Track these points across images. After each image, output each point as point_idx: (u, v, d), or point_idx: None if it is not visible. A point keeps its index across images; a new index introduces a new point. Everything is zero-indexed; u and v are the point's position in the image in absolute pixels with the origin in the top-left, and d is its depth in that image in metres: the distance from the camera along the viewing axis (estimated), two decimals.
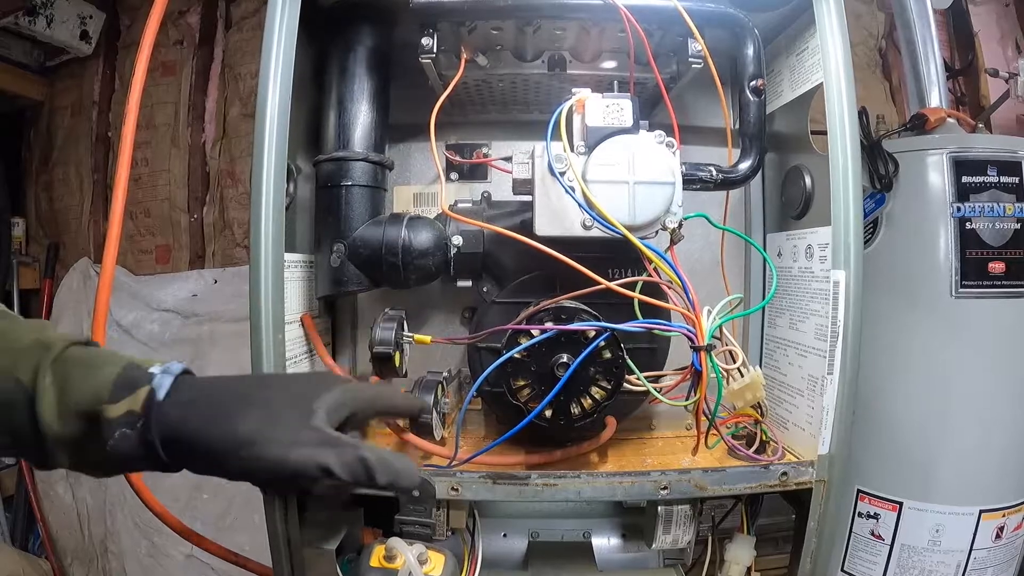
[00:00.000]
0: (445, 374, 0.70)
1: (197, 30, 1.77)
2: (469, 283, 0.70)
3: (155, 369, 0.45)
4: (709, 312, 0.57)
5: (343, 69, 0.69)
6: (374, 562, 0.54)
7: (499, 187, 0.80)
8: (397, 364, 0.62)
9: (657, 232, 0.60)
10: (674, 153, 0.60)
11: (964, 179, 0.76)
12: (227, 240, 1.71)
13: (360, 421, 0.50)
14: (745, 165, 0.66)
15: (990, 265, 0.75)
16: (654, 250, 0.57)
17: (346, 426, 0.48)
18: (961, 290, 0.75)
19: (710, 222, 0.66)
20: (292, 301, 0.65)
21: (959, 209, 0.76)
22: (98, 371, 0.43)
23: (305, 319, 0.67)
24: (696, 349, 0.55)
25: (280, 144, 0.59)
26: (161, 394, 0.43)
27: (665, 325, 0.57)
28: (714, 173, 0.65)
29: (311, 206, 0.72)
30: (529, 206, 0.61)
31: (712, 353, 0.56)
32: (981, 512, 0.76)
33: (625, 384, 0.59)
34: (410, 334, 0.64)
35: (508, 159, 0.66)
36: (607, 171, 0.58)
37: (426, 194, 0.81)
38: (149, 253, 1.76)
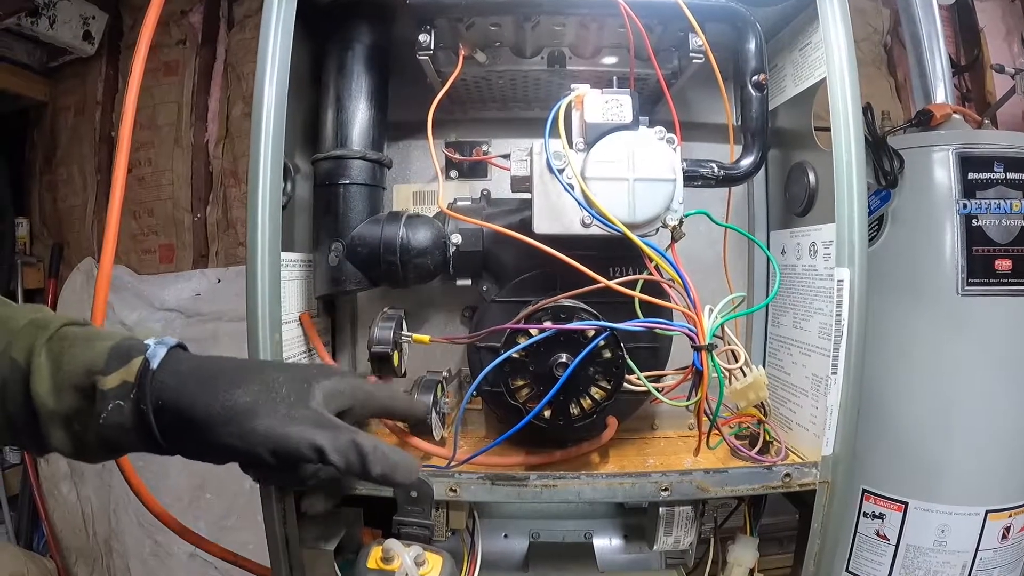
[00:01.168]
0: (445, 374, 0.70)
1: (199, 30, 1.77)
2: (469, 282, 0.69)
3: (150, 341, 0.44)
4: (711, 311, 0.56)
5: (341, 67, 0.68)
6: (371, 563, 0.54)
7: (499, 185, 0.79)
8: (396, 363, 0.62)
9: (658, 230, 0.59)
10: (675, 149, 0.59)
11: (970, 175, 0.75)
12: (230, 239, 1.71)
13: (357, 416, 0.49)
14: (747, 161, 0.66)
15: (996, 263, 0.75)
16: (655, 248, 0.56)
17: (343, 419, 0.46)
18: (967, 288, 0.74)
19: (712, 219, 0.66)
20: (290, 300, 0.65)
21: (965, 206, 0.75)
22: (93, 344, 0.43)
23: (303, 318, 0.67)
24: (697, 348, 0.55)
25: (276, 142, 0.58)
26: (155, 363, 0.42)
27: (666, 324, 0.56)
28: (715, 170, 0.65)
29: (310, 205, 0.72)
30: (529, 204, 0.60)
31: (714, 352, 0.55)
32: (987, 512, 0.75)
33: (626, 384, 0.58)
34: (409, 333, 0.63)
35: (507, 156, 0.66)
36: (606, 168, 0.57)
37: (426, 192, 0.80)
38: (153, 252, 1.76)
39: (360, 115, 0.68)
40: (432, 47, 0.63)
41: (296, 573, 0.62)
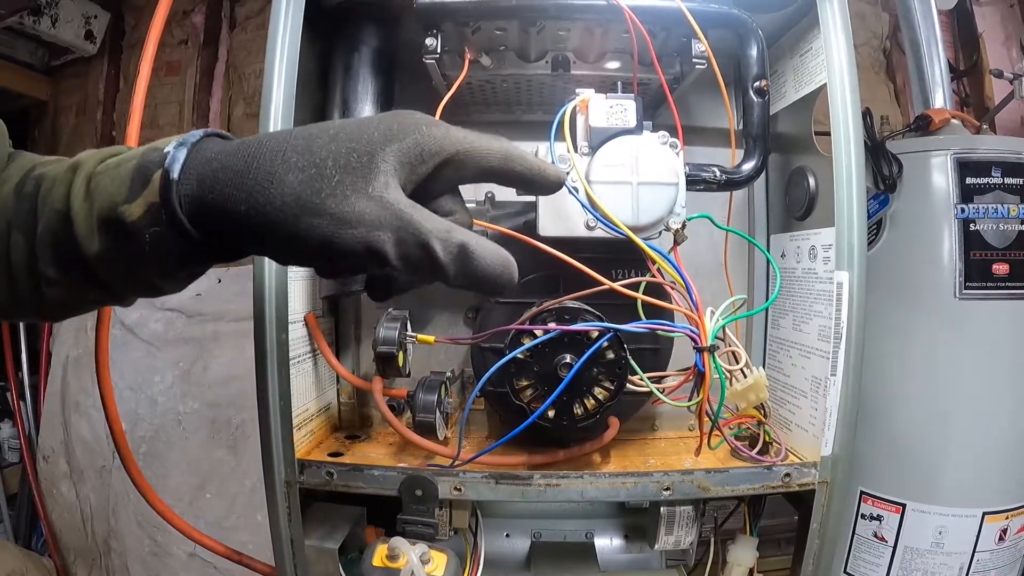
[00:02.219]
0: (448, 374, 0.70)
1: (201, 30, 1.78)
2: None
3: (169, 146, 0.36)
4: (712, 313, 0.57)
5: (347, 69, 0.69)
6: (376, 561, 0.55)
7: (503, 187, 0.80)
8: (400, 364, 0.63)
9: (660, 233, 0.60)
10: (678, 154, 0.60)
11: (968, 180, 0.76)
12: None
13: (456, 178, 0.39)
14: (749, 166, 0.66)
15: (994, 266, 0.75)
16: (657, 251, 0.57)
17: (437, 181, 0.37)
18: (965, 291, 0.75)
19: (713, 223, 0.66)
20: (296, 301, 0.65)
21: (963, 210, 0.76)
22: (119, 172, 0.36)
23: (309, 318, 0.68)
24: (699, 350, 0.55)
25: None
26: (176, 172, 0.34)
27: (668, 326, 0.57)
28: (717, 174, 0.65)
29: None
30: (533, 206, 0.61)
31: (715, 354, 0.56)
32: (984, 514, 0.76)
33: (628, 385, 0.59)
34: (413, 334, 0.64)
35: None
36: (610, 172, 0.58)
37: None
38: None
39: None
40: (438, 51, 0.63)
41: (300, 571, 0.62)
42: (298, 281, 0.67)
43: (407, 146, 0.35)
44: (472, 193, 0.81)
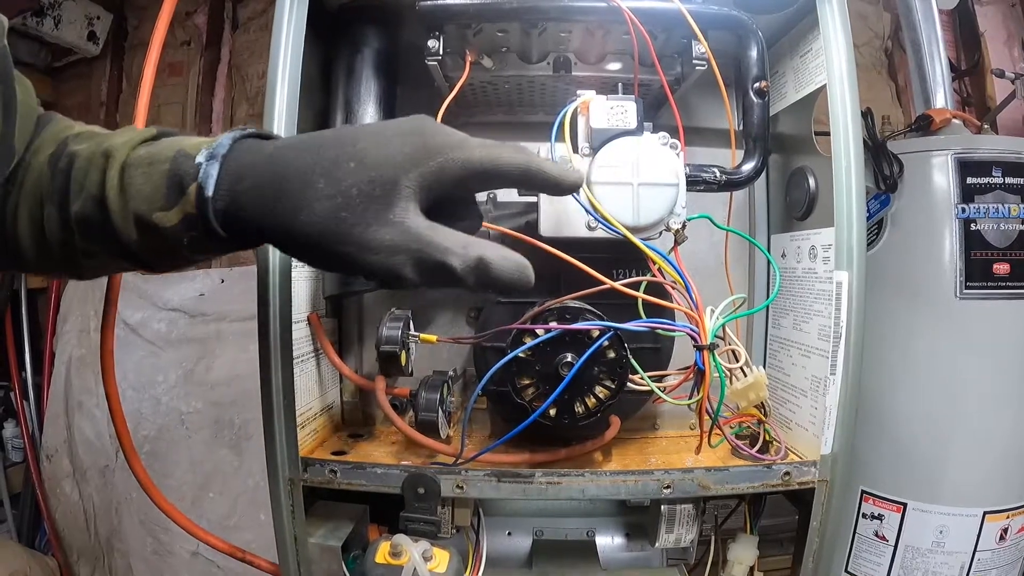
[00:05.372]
0: (451, 373, 0.71)
1: (204, 31, 1.78)
2: None
3: (201, 157, 0.38)
4: (712, 312, 0.57)
5: (350, 71, 0.69)
6: (379, 558, 0.55)
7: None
8: (403, 363, 0.63)
9: (661, 233, 0.60)
10: (678, 155, 0.60)
11: (969, 180, 0.76)
12: None
13: (475, 187, 0.41)
14: (749, 167, 0.67)
15: (995, 266, 0.76)
16: (656, 251, 0.57)
17: (453, 194, 0.39)
18: (966, 291, 0.75)
19: (714, 223, 0.67)
20: (300, 301, 0.66)
21: (964, 210, 0.76)
22: (153, 173, 0.39)
23: (312, 318, 0.68)
24: (699, 348, 0.56)
25: None
26: (210, 189, 0.37)
27: (668, 324, 0.57)
28: (718, 175, 0.66)
29: None
30: (535, 207, 0.61)
31: (715, 352, 0.56)
32: (985, 514, 0.76)
33: (629, 383, 0.59)
34: (416, 333, 0.64)
35: None
36: (611, 173, 0.58)
37: None
38: None
39: (368, 119, 0.69)
40: (440, 52, 0.63)
41: (304, 569, 0.63)
42: (301, 281, 0.67)
43: (430, 171, 0.37)
44: None
